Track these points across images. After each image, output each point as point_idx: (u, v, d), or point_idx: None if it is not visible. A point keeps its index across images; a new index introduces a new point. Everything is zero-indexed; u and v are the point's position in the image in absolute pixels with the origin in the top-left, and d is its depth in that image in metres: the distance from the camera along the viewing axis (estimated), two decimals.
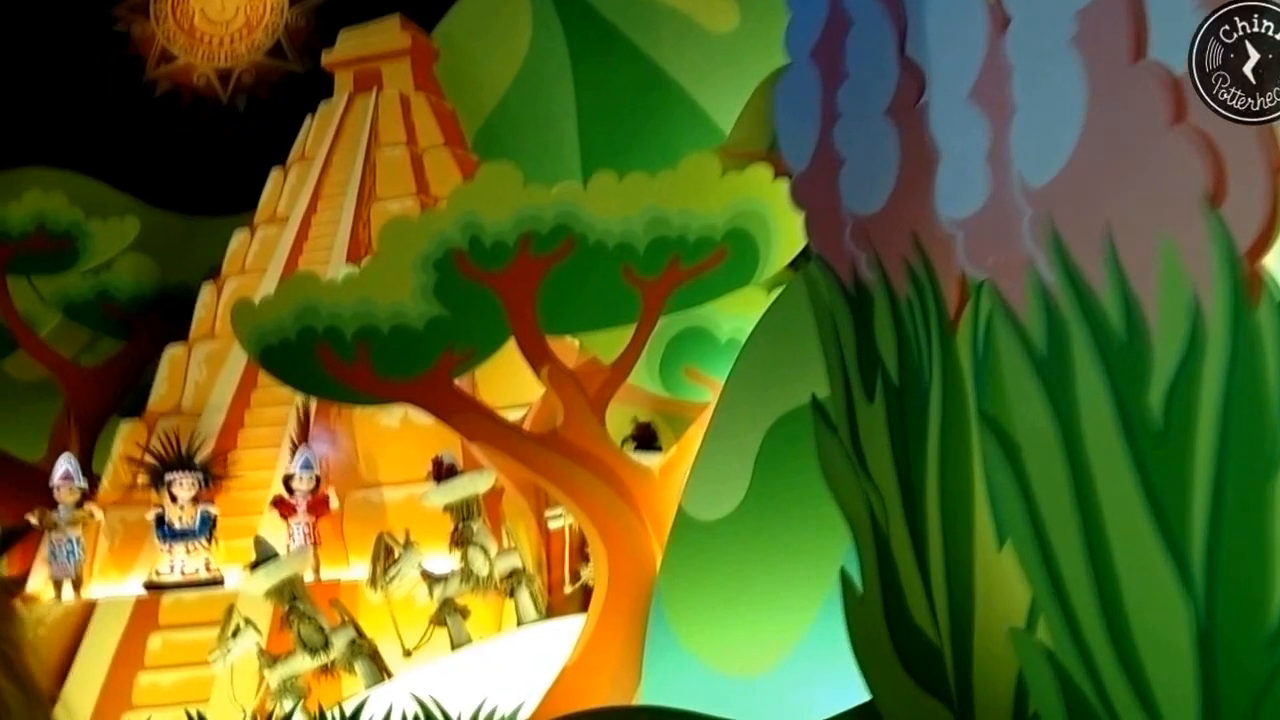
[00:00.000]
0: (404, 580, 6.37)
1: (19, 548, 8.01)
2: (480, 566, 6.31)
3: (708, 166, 6.07)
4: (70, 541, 7.37)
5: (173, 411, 8.28)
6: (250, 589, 6.34)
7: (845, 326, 4.20)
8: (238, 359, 8.53)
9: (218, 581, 7.41)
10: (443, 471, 6.65)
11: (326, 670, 6.40)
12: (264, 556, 6.44)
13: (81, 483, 7.59)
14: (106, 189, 10.01)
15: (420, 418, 8.82)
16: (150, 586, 7.29)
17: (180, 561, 7.26)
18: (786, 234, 5.97)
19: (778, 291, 6.13)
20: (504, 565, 6.43)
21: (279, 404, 8.45)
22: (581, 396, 6.03)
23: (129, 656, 6.80)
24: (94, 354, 9.87)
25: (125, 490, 7.77)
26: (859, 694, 4.54)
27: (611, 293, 6.07)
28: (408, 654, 6.30)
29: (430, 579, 6.44)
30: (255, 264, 8.60)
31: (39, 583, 7.65)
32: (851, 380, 4.19)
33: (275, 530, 8.17)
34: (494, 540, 6.60)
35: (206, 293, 8.69)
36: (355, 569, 8.05)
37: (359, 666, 6.21)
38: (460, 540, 6.40)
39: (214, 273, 8.84)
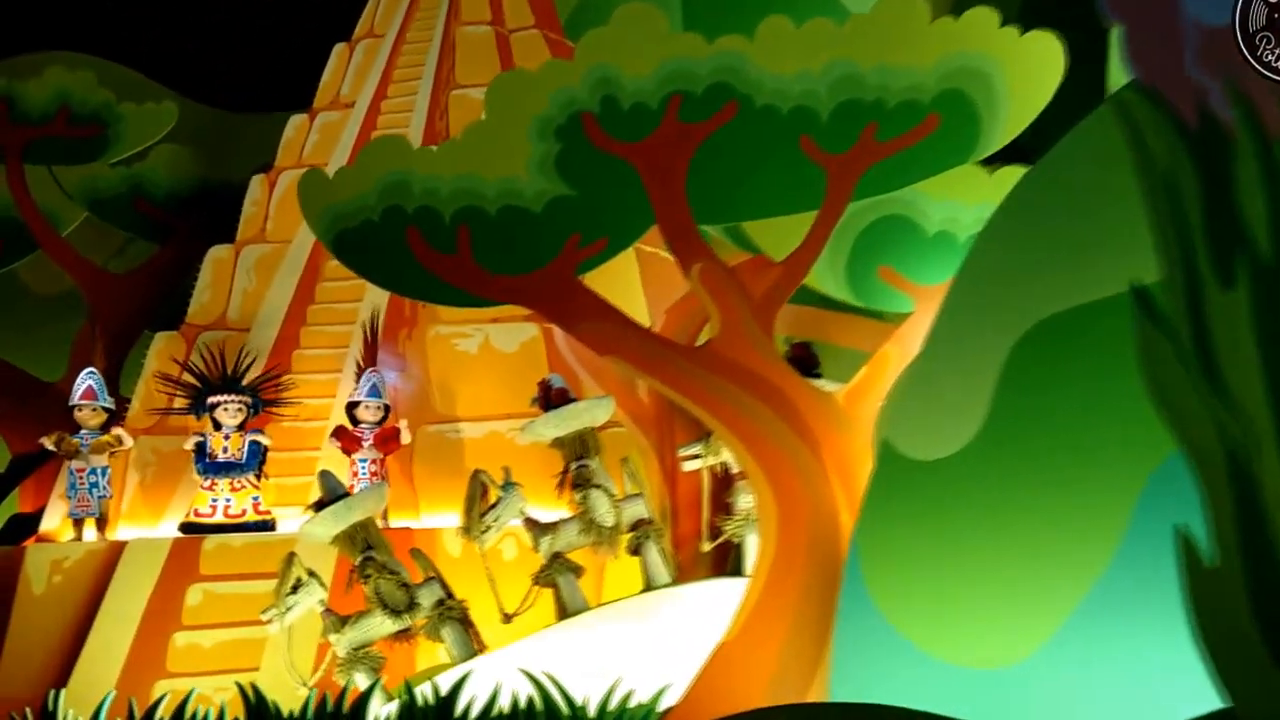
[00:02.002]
0: (502, 527, 5.15)
1: (33, 478, 6.85)
2: (605, 514, 5.05)
3: (911, 9, 4.73)
4: (95, 473, 6.14)
5: (216, 324, 7.00)
6: (314, 534, 5.12)
7: (1187, 182, 3.01)
8: (293, 266, 7.26)
9: (268, 525, 6.17)
10: (552, 397, 5.39)
11: (402, 637, 5.22)
12: (331, 495, 5.20)
13: (107, 402, 6.33)
14: (140, 78, 8.73)
15: (504, 343, 7.69)
16: (188, 528, 6.05)
17: (225, 499, 6.06)
18: (1017, 95, 4.63)
19: (1011, 170, 4.83)
20: (629, 514, 5.20)
21: (341, 321, 7.17)
22: (743, 302, 4.75)
23: (163, 612, 5.60)
24: (124, 258, 8.61)
25: (159, 415, 6.54)
26: (1169, 698, 3.31)
27: (785, 171, 4.75)
28: (507, 619, 5.07)
29: (536, 528, 5.20)
30: (315, 155, 7.30)
31: (55, 520, 6.42)
32: (1197, 258, 3.01)
33: (334, 467, 6.98)
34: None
35: (257, 187, 7.38)
36: (427, 518, 6.86)
37: (448, 634, 5.00)
38: (578, 482, 5.14)
39: (265, 166, 7.56)
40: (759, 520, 4.56)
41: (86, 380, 6.30)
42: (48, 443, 6.11)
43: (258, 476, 6.15)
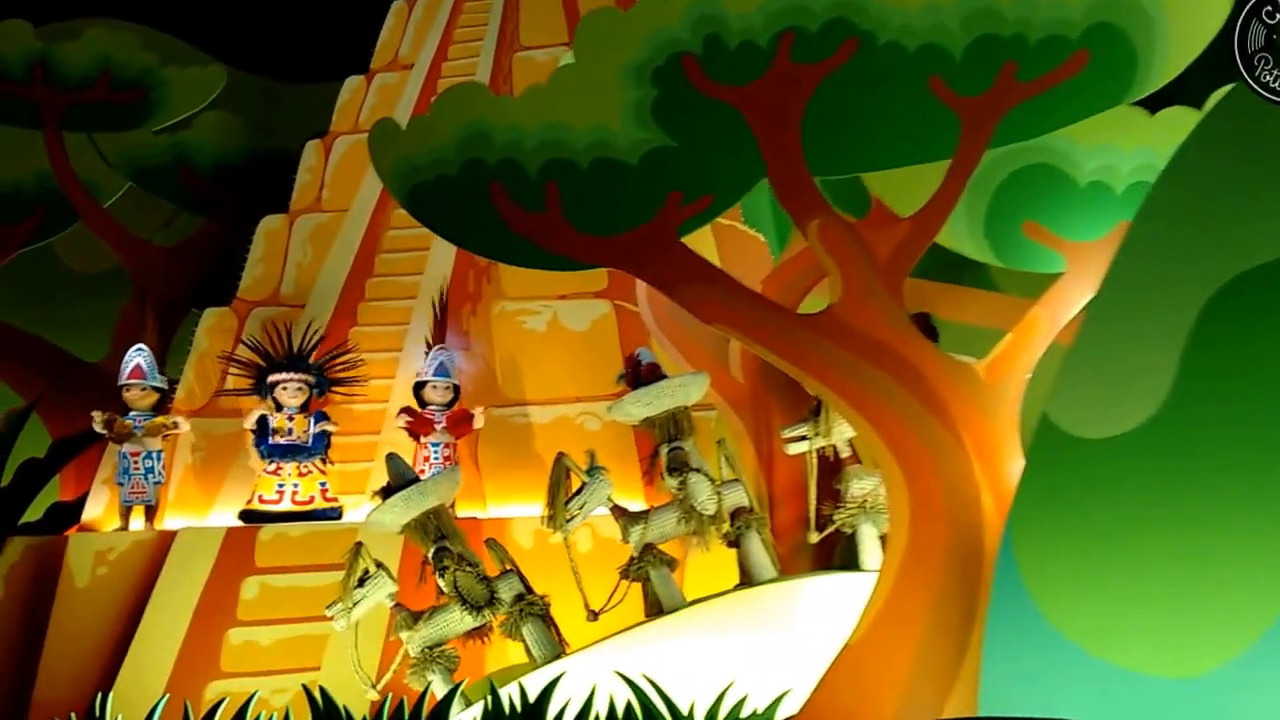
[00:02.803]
0: (587, 516, 4.64)
1: (73, 464, 6.44)
2: (707, 501, 4.53)
3: None
4: (150, 457, 5.65)
5: (269, 300, 6.56)
6: (383, 522, 4.65)
7: None
8: (350, 237, 6.80)
9: (335, 513, 5.72)
10: (642, 373, 4.89)
11: (476, 634, 4.74)
12: (400, 480, 4.75)
13: (158, 382, 5.85)
14: (184, 44, 8.28)
15: (574, 321, 7.20)
16: (249, 516, 5.59)
17: (292, 485, 5.57)
18: (1179, 27, 4.07)
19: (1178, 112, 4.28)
20: (729, 501, 4.69)
21: (401, 296, 6.71)
22: (868, 264, 4.23)
23: (217, 606, 5.16)
24: (170, 232, 8.17)
25: (219, 395, 6.11)
26: None
27: (912, 117, 4.19)
28: (593, 617, 4.56)
29: (625, 517, 4.69)
30: (372, 118, 6.81)
31: (98, 508, 5.98)
32: None
33: (396, 449, 6.51)
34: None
35: (311, 153, 6.93)
36: (494, 508, 6.39)
37: (529, 632, 4.50)
38: (675, 466, 4.60)
39: (320, 133, 7.10)
40: (890, 509, 4.04)
41: (135, 358, 5.81)
42: (97, 424, 5.64)
43: (324, 460, 5.70)
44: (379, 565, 4.65)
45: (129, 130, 7.73)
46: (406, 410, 5.96)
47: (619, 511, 4.70)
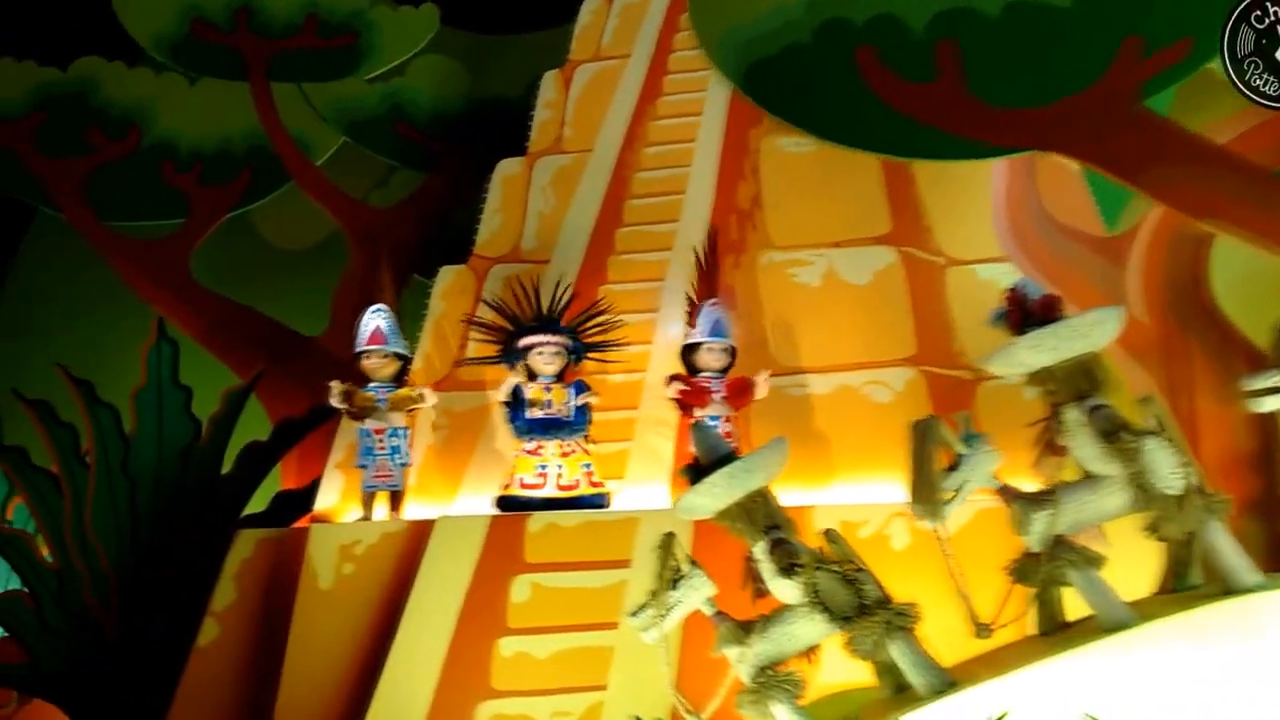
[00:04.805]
0: (968, 496, 3.57)
1: (299, 446, 5.75)
2: (1171, 475, 3.25)
3: None
4: (396, 434, 4.85)
5: (509, 256, 5.72)
6: (698, 507, 3.64)
7: None
8: (595, 180, 5.91)
9: (600, 501, 4.80)
10: (1034, 310, 3.67)
11: (808, 652, 3.72)
12: (715, 455, 3.79)
13: (402, 348, 5.03)
14: None
15: (853, 273, 6.13)
16: (508, 503, 4.73)
17: (556, 466, 4.70)
18: None
19: None
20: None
21: (655, 248, 5.77)
22: None
23: (484, 611, 4.28)
24: (387, 190, 7.52)
25: (450, 366, 5.36)
26: None
27: None
28: (984, 632, 3.44)
29: (1023, 500, 3.50)
30: (617, 44, 6.00)
31: (332, 496, 5.22)
32: None
33: (655, 428, 5.60)
34: None
35: (549, 86, 6.08)
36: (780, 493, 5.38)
37: (902, 650, 3.40)
38: (1111, 429, 3.33)
39: (558, 64, 6.23)
40: None
41: (374, 320, 4.97)
42: (335, 397, 4.83)
43: (587, 437, 4.79)
44: (694, 563, 3.71)
45: (339, 79, 7.10)
46: (678, 378, 5.00)
47: (1011, 494, 3.57)
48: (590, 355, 5.03)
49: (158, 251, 6.87)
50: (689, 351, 5.06)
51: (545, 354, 4.82)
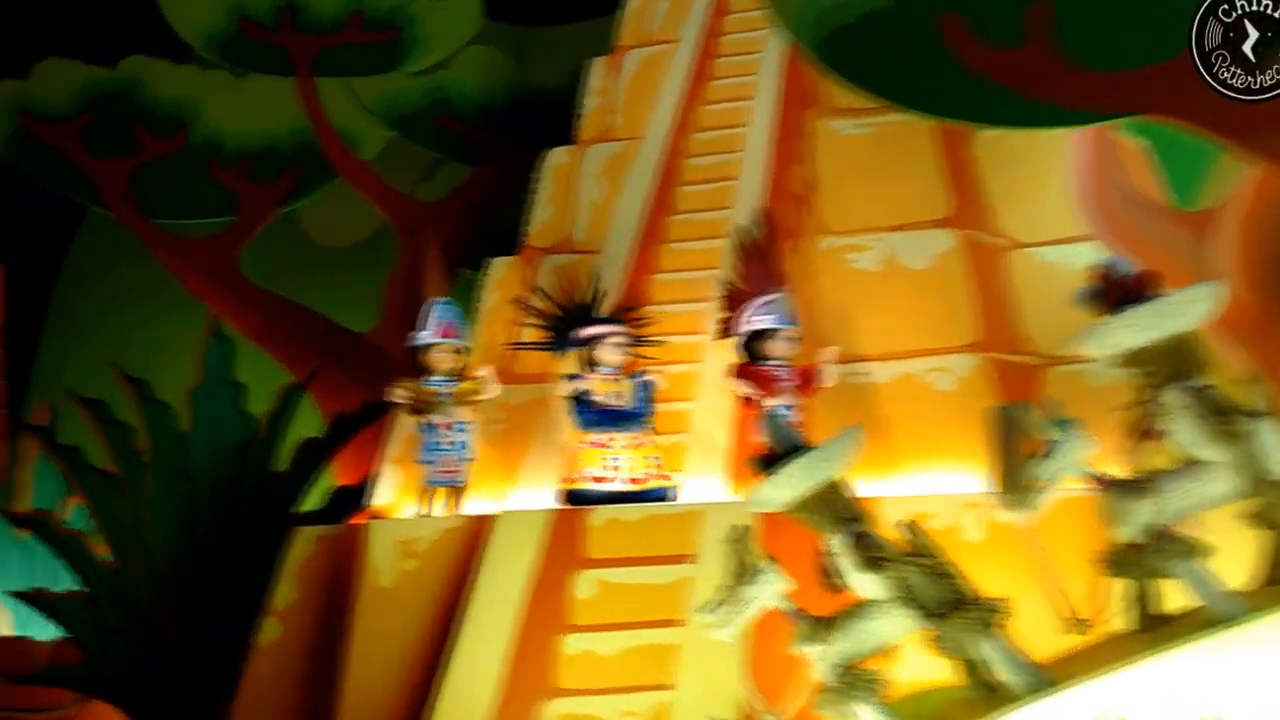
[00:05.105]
0: (1057, 485, 3.43)
1: (353, 441, 5.70)
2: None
3: None
4: (461, 429, 4.72)
5: (560, 246, 5.63)
6: (773, 499, 3.49)
7: None
8: (645, 168, 5.77)
9: (666, 494, 4.67)
10: (1130, 287, 3.42)
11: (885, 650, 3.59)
12: (788, 444, 3.66)
13: (465, 340, 4.92)
14: None
15: (914, 257, 5.99)
16: (575, 497, 4.61)
17: (624, 459, 4.56)
18: None
19: None
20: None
21: (707, 236, 5.62)
22: None
23: (547, 607, 4.18)
24: (434, 184, 7.48)
25: (502, 357, 5.21)
26: None
27: None
28: (1081, 628, 3.24)
29: (1121, 490, 3.29)
30: (666, 28, 5.89)
31: (388, 492, 5.16)
32: None
33: (713, 417, 5.48)
34: None
35: (598, 73, 5.96)
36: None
37: (995, 647, 3.21)
38: (1222, 409, 3.14)
39: (606, 50, 6.10)
40: None
41: (442, 313, 4.86)
42: (398, 393, 4.75)
43: (651, 429, 4.66)
44: (769, 559, 3.60)
45: (384, 74, 7.06)
46: (745, 367, 4.90)
47: (1108, 482, 3.36)
48: (647, 345, 4.94)
49: (208, 249, 6.87)
50: (753, 338, 4.98)
51: (612, 344, 4.71)
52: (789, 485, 3.61)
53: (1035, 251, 5.66)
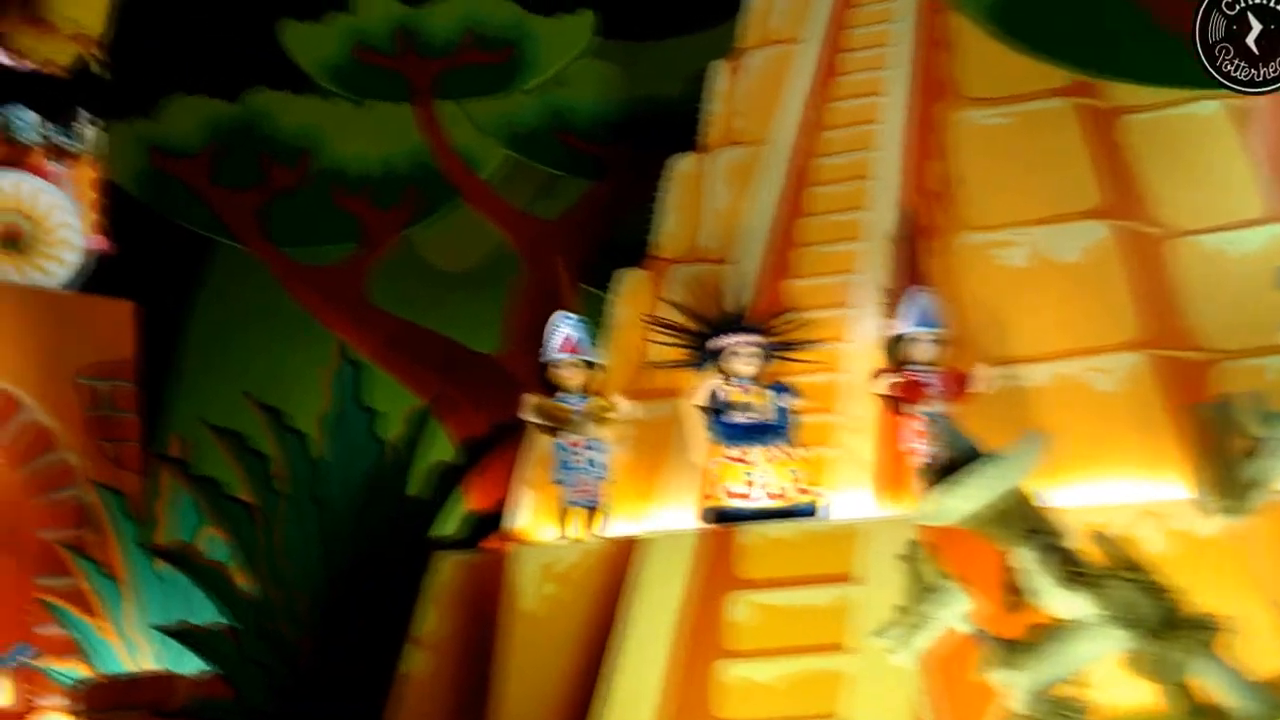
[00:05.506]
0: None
1: (485, 463, 5.60)
2: None
3: None
4: (594, 447, 4.58)
5: (688, 255, 5.41)
6: (951, 511, 3.23)
7: None
8: (772, 172, 5.55)
9: (809, 510, 4.42)
10: None
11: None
12: (962, 452, 3.40)
13: (596, 356, 4.79)
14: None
15: (1063, 250, 5.64)
16: (718, 515, 4.40)
17: (764, 474, 4.35)
18: None
19: None
20: None
21: (841, 238, 5.38)
22: None
23: (700, 632, 3.97)
24: (553, 200, 7.42)
25: (636, 372, 5.08)
26: None
27: None
28: None
29: None
30: (790, 26, 5.67)
31: (524, 514, 4.97)
32: None
33: (858, 428, 5.22)
34: None
35: (719, 76, 5.78)
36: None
37: (1213, 669, 2.93)
38: None
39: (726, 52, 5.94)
40: None
41: (564, 327, 4.72)
42: (529, 412, 4.65)
43: (792, 443, 4.44)
44: (946, 576, 3.35)
45: (500, 93, 7.05)
46: (890, 372, 4.64)
47: None
48: (784, 355, 4.75)
49: (334, 276, 6.94)
50: (896, 343, 4.73)
51: (743, 354, 4.51)
52: (969, 496, 3.34)
53: (1200, 239, 5.27)
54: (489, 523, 5.32)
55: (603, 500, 4.66)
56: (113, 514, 5.73)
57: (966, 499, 3.31)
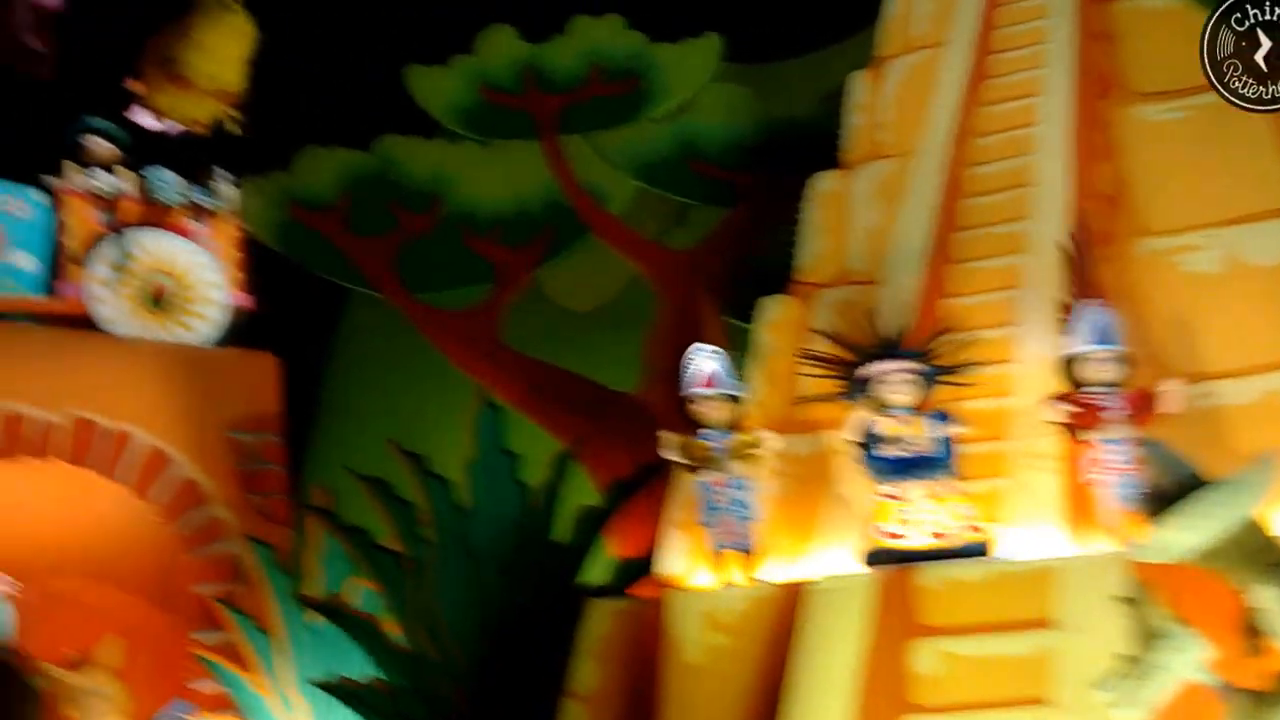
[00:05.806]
0: None
1: (630, 506, 5.39)
2: None
3: None
4: (738, 486, 4.32)
5: (837, 279, 5.10)
6: (1176, 545, 2.89)
7: None
8: (922, 186, 5.22)
9: (979, 550, 4.04)
10: None
11: None
12: (1183, 481, 3.03)
13: (737, 389, 4.53)
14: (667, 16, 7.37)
15: (1262, 253, 5.07)
16: (881, 557, 4.07)
17: (923, 511, 4.02)
18: None
19: None
20: None
21: (1002, 252, 4.99)
22: None
23: (882, 685, 3.63)
24: (686, 230, 7.14)
25: (787, 405, 4.81)
26: None
27: None
28: None
29: None
30: (934, 30, 5.35)
31: (676, 559, 4.68)
32: None
33: (1033, 458, 4.80)
34: None
35: (861, 88, 5.46)
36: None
37: None
38: None
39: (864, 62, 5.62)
40: None
41: (704, 361, 4.49)
42: (670, 450, 4.42)
43: (955, 476, 4.10)
44: (1172, 620, 2.96)
45: (627, 124, 6.93)
46: (1064, 397, 4.23)
47: None
48: (945, 380, 4.39)
49: (469, 319, 6.87)
50: (1069, 365, 4.32)
51: (893, 381, 4.19)
52: (1195, 528, 2.97)
53: None
54: (636, 568, 5.07)
55: (753, 542, 4.37)
56: (264, 567, 5.70)
57: (1193, 531, 2.93)
